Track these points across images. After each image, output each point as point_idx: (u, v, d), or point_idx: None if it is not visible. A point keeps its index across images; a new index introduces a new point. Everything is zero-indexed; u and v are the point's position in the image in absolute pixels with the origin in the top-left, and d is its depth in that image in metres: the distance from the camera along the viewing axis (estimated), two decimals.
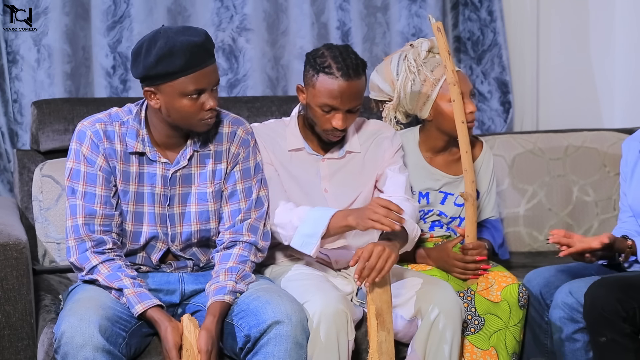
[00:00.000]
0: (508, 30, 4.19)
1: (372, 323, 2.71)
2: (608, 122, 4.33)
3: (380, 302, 2.72)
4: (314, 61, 2.89)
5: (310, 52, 2.97)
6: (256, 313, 2.65)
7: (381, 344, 2.70)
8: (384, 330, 2.70)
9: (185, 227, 2.83)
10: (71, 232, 2.74)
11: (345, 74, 2.84)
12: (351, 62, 2.87)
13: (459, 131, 3.05)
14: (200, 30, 2.70)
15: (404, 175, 3.03)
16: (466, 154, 3.05)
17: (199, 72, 2.66)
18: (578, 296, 2.90)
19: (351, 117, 2.91)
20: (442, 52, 3.06)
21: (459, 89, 3.04)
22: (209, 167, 2.83)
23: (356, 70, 2.86)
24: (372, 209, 2.74)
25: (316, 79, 2.87)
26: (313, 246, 2.81)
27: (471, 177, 3.07)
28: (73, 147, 2.77)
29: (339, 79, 2.84)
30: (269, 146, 2.98)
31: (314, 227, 2.80)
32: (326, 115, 2.89)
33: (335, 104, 2.86)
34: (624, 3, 4.26)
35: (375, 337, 2.70)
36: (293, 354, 2.63)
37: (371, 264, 2.69)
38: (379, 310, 2.71)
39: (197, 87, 2.66)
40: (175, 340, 2.63)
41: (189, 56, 2.63)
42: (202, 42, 2.66)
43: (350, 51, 2.92)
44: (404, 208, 2.86)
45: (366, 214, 2.74)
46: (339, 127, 2.88)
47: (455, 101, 3.03)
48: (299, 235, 2.83)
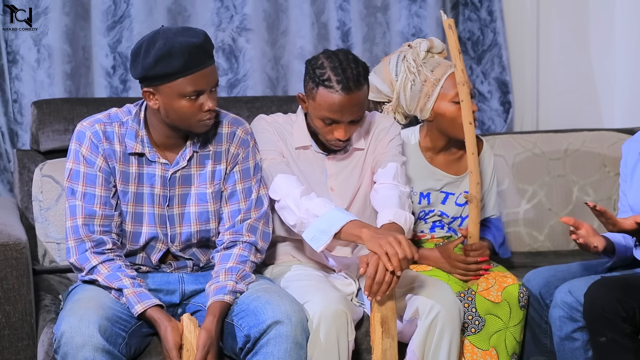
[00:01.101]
0: (508, 30, 4.19)
1: (376, 330, 2.69)
2: (608, 122, 4.33)
3: (386, 309, 2.70)
4: (313, 72, 2.85)
5: (309, 60, 2.91)
6: (256, 313, 2.65)
7: (386, 351, 2.70)
8: (388, 338, 2.70)
9: (184, 227, 2.83)
10: (71, 232, 2.74)
11: (345, 87, 2.79)
12: (351, 72, 2.81)
13: (466, 132, 3.03)
14: (199, 31, 2.69)
15: (395, 162, 2.98)
16: (472, 156, 3.04)
17: (198, 74, 2.65)
18: (577, 295, 2.90)
19: (354, 127, 2.88)
20: (452, 51, 3.03)
21: (468, 89, 3.03)
22: (208, 168, 2.83)
23: (357, 82, 2.81)
24: (388, 240, 2.65)
25: (316, 92, 2.83)
26: (322, 243, 2.76)
27: (476, 178, 3.06)
28: (72, 147, 2.77)
29: (339, 93, 2.80)
30: (281, 139, 2.97)
31: (329, 225, 2.76)
32: (328, 127, 2.87)
33: (336, 117, 2.83)
34: (624, 3, 4.26)
35: (380, 344, 2.69)
36: (293, 354, 2.63)
37: (379, 279, 2.65)
38: (384, 318, 2.70)
39: (196, 89, 2.66)
40: (175, 339, 2.63)
41: (187, 57, 2.63)
42: (200, 43, 2.65)
43: (351, 59, 2.85)
44: (390, 196, 2.84)
45: (381, 240, 2.65)
46: (341, 137, 2.86)
47: (463, 101, 3.02)
48: (312, 229, 2.78)
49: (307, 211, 2.78)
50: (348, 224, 2.74)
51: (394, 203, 2.85)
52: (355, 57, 2.89)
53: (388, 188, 2.91)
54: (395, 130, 3.05)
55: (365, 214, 3.00)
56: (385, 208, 2.83)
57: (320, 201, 2.81)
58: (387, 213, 2.81)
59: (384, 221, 2.79)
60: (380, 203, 2.88)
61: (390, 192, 2.90)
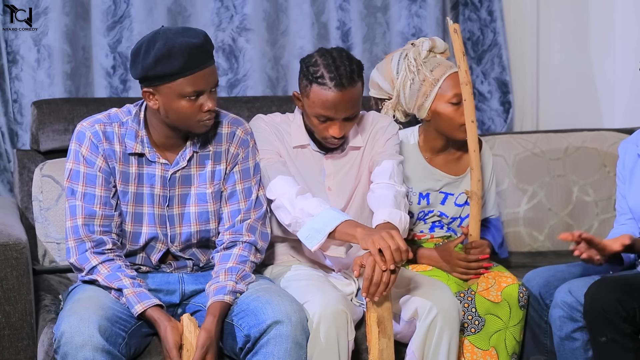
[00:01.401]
0: (508, 30, 4.19)
1: (373, 330, 2.70)
2: (608, 122, 4.33)
3: (382, 309, 2.70)
4: (307, 70, 2.85)
5: (304, 58, 2.92)
6: (256, 313, 2.65)
7: (382, 351, 2.70)
8: (385, 337, 2.70)
9: (184, 227, 2.83)
10: (71, 232, 2.74)
11: (338, 84, 2.80)
12: (345, 69, 2.82)
13: (469, 130, 3.05)
14: (199, 32, 2.69)
15: (391, 161, 2.98)
16: (474, 153, 3.05)
17: (198, 74, 2.65)
18: (577, 295, 2.90)
19: (349, 124, 2.89)
20: (457, 53, 3.06)
21: (471, 89, 3.04)
22: (208, 168, 2.83)
23: (350, 78, 2.82)
24: (381, 235, 2.65)
25: (310, 90, 2.84)
26: (317, 242, 2.76)
27: (477, 175, 3.07)
28: (72, 148, 2.77)
29: (332, 90, 2.81)
30: (278, 139, 2.97)
31: (324, 224, 2.76)
32: (323, 124, 2.88)
33: (330, 115, 2.84)
34: (624, 3, 4.26)
35: (377, 344, 2.69)
36: (293, 354, 2.63)
37: (376, 281, 2.65)
38: (380, 318, 2.70)
39: (196, 89, 2.66)
40: (175, 339, 2.63)
41: (187, 58, 2.63)
42: (200, 44, 2.65)
43: (344, 56, 2.86)
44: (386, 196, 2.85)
45: (373, 236, 2.65)
46: (336, 135, 2.86)
47: (466, 100, 3.03)
48: (307, 228, 2.78)
49: (302, 210, 2.79)
50: (343, 223, 2.74)
51: (389, 203, 2.85)
52: (350, 54, 2.89)
53: (384, 188, 2.91)
54: (392, 130, 3.05)
55: (363, 213, 3.00)
56: (380, 208, 2.83)
57: (316, 201, 2.81)
58: (382, 213, 2.81)
59: (378, 221, 2.79)
60: (375, 203, 2.88)
61: (386, 191, 2.90)
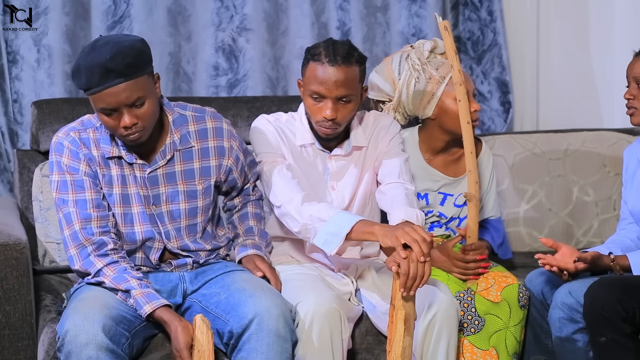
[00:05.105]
0: (508, 30, 4.19)
1: (398, 328, 2.67)
2: (608, 122, 4.33)
3: (409, 307, 2.68)
4: (308, 52, 2.91)
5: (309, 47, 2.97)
6: (239, 306, 2.66)
7: (405, 349, 2.67)
8: (409, 336, 2.68)
9: (174, 224, 2.84)
10: (70, 240, 2.74)
11: (332, 60, 2.84)
12: (343, 50, 2.86)
13: (464, 131, 3.04)
14: (110, 49, 2.60)
15: (398, 159, 2.99)
16: (471, 155, 3.05)
17: (104, 92, 2.61)
18: (577, 296, 2.90)
19: (342, 108, 2.88)
20: (448, 52, 3.05)
21: (465, 89, 3.04)
22: (195, 165, 2.84)
23: (345, 58, 2.84)
24: (404, 230, 2.64)
25: (307, 68, 2.89)
26: (335, 245, 2.74)
27: (475, 177, 3.07)
28: (53, 160, 2.76)
29: (325, 65, 2.84)
30: (283, 139, 2.98)
31: (339, 227, 2.74)
32: (317, 104, 2.88)
33: (321, 91, 2.85)
34: (624, 3, 4.26)
35: (401, 342, 2.67)
36: (276, 347, 2.63)
37: (413, 274, 2.63)
38: (407, 316, 2.67)
39: (103, 107, 2.63)
40: (186, 340, 2.63)
41: (89, 76, 2.60)
42: (103, 63, 2.58)
43: (346, 43, 2.90)
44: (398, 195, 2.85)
45: (396, 232, 2.64)
46: (328, 116, 2.86)
47: (461, 101, 3.03)
48: (323, 233, 2.76)
49: (311, 217, 2.78)
50: (358, 223, 2.73)
51: (403, 202, 2.84)
52: (354, 46, 2.92)
53: (394, 187, 2.92)
54: (395, 128, 3.06)
55: (364, 213, 3.00)
56: (395, 208, 2.81)
57: (324, 206, 2.81)
58: (398, 212, 2.78)
59: (397, 221, 2.75)
60: (388, 203, 2.88)
61: (397, 191, 2.90)
